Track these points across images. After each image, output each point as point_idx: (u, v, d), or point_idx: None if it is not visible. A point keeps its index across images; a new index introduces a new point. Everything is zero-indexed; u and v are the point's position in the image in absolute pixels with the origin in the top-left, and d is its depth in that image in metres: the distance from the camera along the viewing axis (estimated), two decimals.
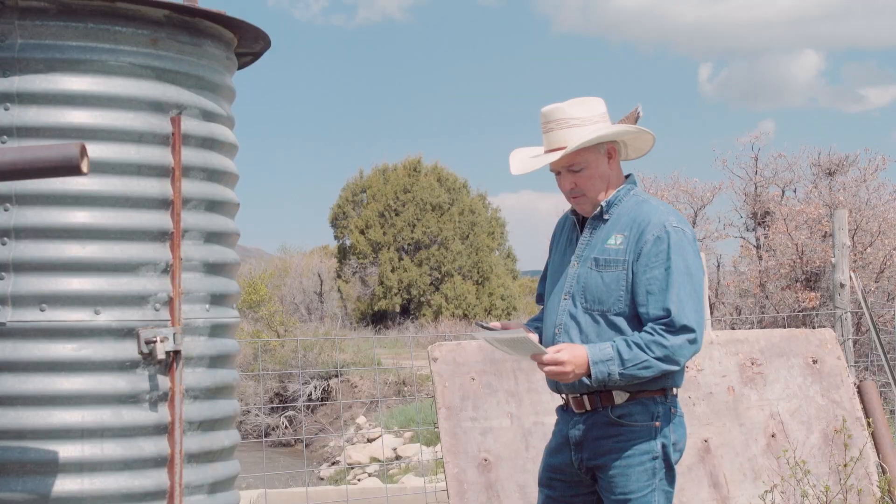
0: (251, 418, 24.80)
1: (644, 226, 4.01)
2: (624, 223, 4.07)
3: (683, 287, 3.94)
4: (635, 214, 4.07)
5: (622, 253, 4.02)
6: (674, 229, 3.99)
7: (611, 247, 4.06)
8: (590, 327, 4.05)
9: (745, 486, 6.65)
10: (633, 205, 4.11)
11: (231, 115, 4.44)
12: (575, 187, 4.12)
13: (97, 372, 3.89)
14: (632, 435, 4.02)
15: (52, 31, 3.91)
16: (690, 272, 3.98)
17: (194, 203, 4.13)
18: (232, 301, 4.40)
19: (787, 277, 22.39)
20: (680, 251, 3.97)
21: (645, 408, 4.03)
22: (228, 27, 4.33)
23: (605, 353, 3.91)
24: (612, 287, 4.02)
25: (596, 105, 4.14)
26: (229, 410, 4.33)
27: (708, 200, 26.36)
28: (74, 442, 3.85)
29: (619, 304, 4.01)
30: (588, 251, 4.12)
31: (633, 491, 4.02)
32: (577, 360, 3.91)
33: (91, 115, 3.92)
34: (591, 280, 4.06)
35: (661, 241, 3.97)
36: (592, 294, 4.05)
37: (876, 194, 23.58)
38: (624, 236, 4.04)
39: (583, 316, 4.07)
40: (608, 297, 4.02)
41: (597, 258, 4.07)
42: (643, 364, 3.89)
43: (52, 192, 3.85)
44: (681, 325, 3.91)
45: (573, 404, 4.13)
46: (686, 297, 3.94)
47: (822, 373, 7.20)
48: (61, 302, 3.86)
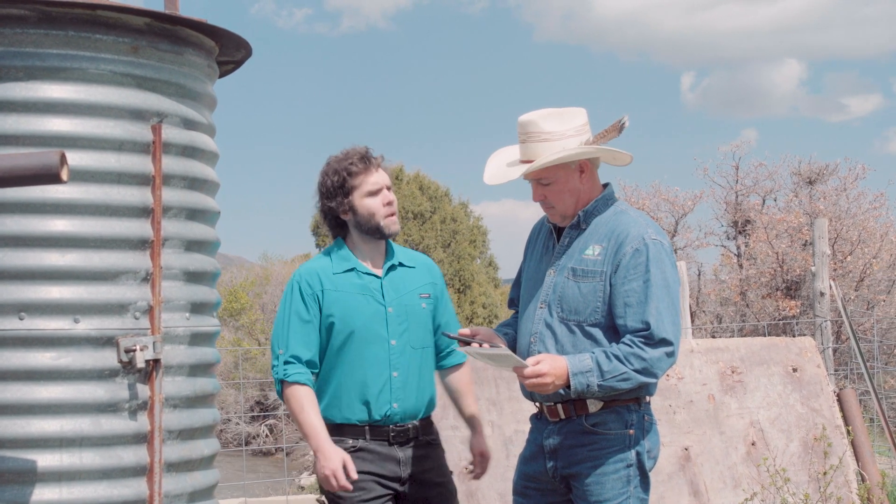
0: (231, 427, 24.72)
1: (623, 238, 4.00)
2: (602, 234, 4.06)
3: (662, 300, 3.94)
4: (613, 226, 4.06)
5: (600, 264, 4.01)
6: (652, 242, 3.98)
7: (588, 257, 4.04)
8: (565, 337, 4.04)
9: (725, 494, 6.66)
10: (612, 215, 4.10)
11: (212, 123, 4.43)
12: (545, 199, 4.11)
13: (76, 380, 3.87)
14: (606, 443, 4.02)
15: (33, 38, 3.90)
16: (668, 284, 3.98)
17: (175, 211, 4.12)
18: (212, 309, 4.39)
19: (767, 286, 22.46)
20: (658, 263, 3.96)
21: (619, 416, 4.03)
22: (209, 35, 4.32)
23: (584, 365, 3.90)
24: (590, 298, 4.01)
25: (573, 118, 4.11)
26: (209, 419, 4.32)
27: (689, 209, 26.44)
28: (53, 451, 3.84)
29: (596, 314, 4.00)
30: (565, 260, 4.10)
31: (609, 499, 4.02)
32: (558, 371, 3.89)
33: (71, 123, 3.91)
34: (567, 290, 4.05)
35: (639, 253, 3.96)
36: (569, 304, 4.04)
37: (856, 203, 23.71)
38: (602, 247, 4.03)
39: (558, 325, 4.06)
40: (585, 307, 4.01)
41: (574, 268, 4.06)
42: (622, 376, 3.89)
43: (31, 201, 3.84)
44: (660, 338, 3.90)
45: (547, 413, 4.13)
46: (664, 309, 3.94)
47: (802, 381, 7.22)
48: (40, 310, 3.84)
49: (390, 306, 4.36)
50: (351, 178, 4.32)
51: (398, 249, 4.49)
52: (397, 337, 4.36)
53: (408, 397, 4.36)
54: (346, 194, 4.32)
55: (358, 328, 4.31)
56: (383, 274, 4.39)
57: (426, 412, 4.48)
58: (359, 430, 4.36)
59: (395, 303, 4.38)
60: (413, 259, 4.53)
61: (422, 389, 4.42)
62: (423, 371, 4.43)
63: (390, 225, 4.36)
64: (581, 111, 4.16)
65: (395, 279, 4.40)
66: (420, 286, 4.47)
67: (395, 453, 4.37)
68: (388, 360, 4.34)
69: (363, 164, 4.32)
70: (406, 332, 4.37)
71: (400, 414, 4.37)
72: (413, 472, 4.40)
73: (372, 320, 4.33)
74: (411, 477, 4.42)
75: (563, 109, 4.14)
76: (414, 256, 4.55)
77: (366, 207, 4.31)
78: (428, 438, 4.47)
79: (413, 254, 4.57)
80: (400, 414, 4.37)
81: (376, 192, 4.32)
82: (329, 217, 4.42)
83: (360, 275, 4.35)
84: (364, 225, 4.35)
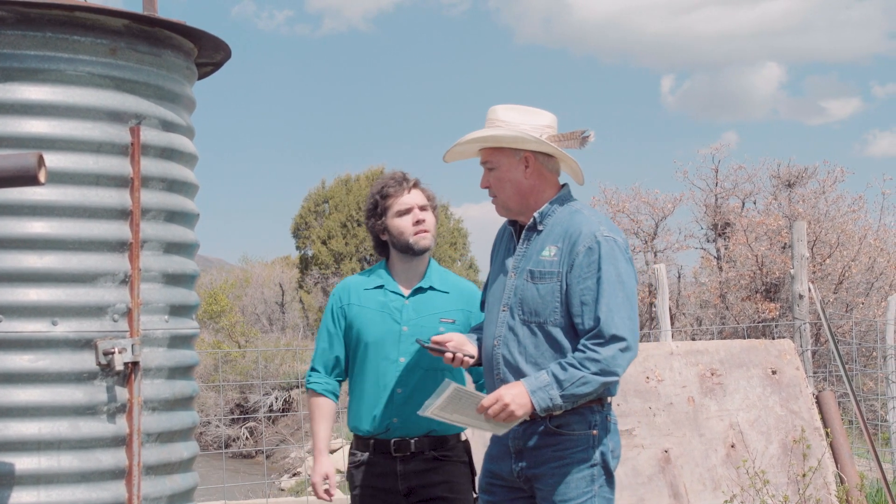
0: (211, 429, 24.67)
1: (576, 237, 4.03)
2: (557, 234, 4.09)
3: (615, 296, 3.95)
4: (567, 225, 4.09)
5: (556, 265, 4.04)
6: (604, 238, 4.01)
7: (545, 259, 4.07)
8: (528, 339, 4.06)
9: (704, 496, 6.68)
10: (566, 215, 4.13)
11: (191, 125, 4.42)
12: (489, 186, 4.17)
13: (54, 383, 3.85)
14: (570, 443, 4.05)
15: (10, 39, 3.88)
16: (622, 280, 3.99)
17: (153, 213, 4.10)
18: (192, 312, 4.37)
19: (747, 288, 22.55)
20: (611, 260, 3.98)
21: (582, 417, 4.06)
22: (188, 37, 4.31)
23: (541, 381, 3.92)
24: (548, 299, 4.03)
25: (537, 116, 4.17)
26: (188, 422, 4.31)
27: (669, 212, 26.53)
28: (31, 454, 3.82)
29: (555, 315, 4.02)
30: (524, 262, 4.13)
31: (573, 498, 4.05)
32: (517, 395, 3.91)
33: (49, 124, 3.90)
34: (527, 292, 4.08)
35: (591, 251, 3.99)
36: (529, 306, 4.07)
37: (835, 206, 23.82)
38: (557, 248, 4.06)
39: (520, 328, 4.08)
40: (544, 308, 4.04)
41: (532, 270, 4.09)
42: (580, 381, 3.90)
43: (8, 203, 3.82)
44: (610, 334, 3.92)
45: None
46: (616, 306, 3.95)
47: (782, 383, 7.25)
48: (18, 313, 3.82)
49: (405, 325, 4.56)
50: (384, 200, 4.65)
51: (438, 273, 4.71)
52: (408, 356, 4.54)
53: (411, 414, 4.44)
54: (380, 215, 4.66)
55: (371, 343, 4.59)
56: (409, 294, 4.62)
57: (441, 432, 4.57)
58: (366, 442, 4.60)
59: (412, 323, 4.58)
60: (450, 284, 4.71)
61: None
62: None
63: (419, 241, 4.60)
64: (550, 115, 4.21)
65: (420, 301, 4.62)
66: (445, 311, 4.63)
67: (394, 467, 4.54)
68: (394, 376, 4.54)
69: (396, 187, 4.63)
70: (418, 353, 4.53)
71: (401, 429, 4.53)
72: (414, 486, 4.54)
73: (385, 337, 4.57)
74: (413, 491, 4.55)
75: (532, 108, 4.20)
76: (454, 282, 4.74)
77: (396, 226, 4.61)
78: (437, 454, 4.57)
79: (455, 280, 4.76)
80: (401, 429, 4.53)
81: (406, 212, 4.60)
82: (373, 237, 4.77)
83: (386, 293, 4.63)
84: (397, 243, 4.64)
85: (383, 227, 4.65)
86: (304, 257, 42.03)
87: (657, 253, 26.40)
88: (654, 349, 7.06)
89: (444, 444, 4.59)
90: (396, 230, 4.60)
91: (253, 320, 37.53)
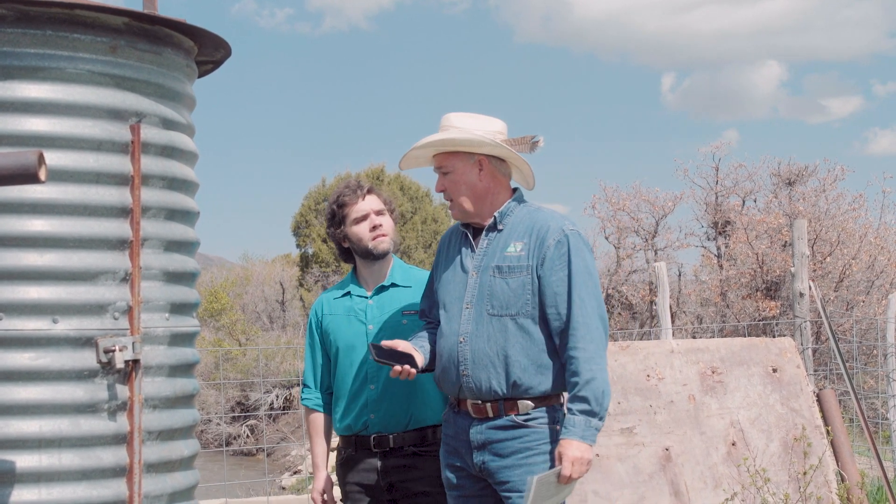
0: (212, 427, 24.67)
1: (544, 231, 4.20)
2: (521, 231, 4.25)
3: (585, 286, 4.14)
4: (531, 222, 4.26)
5: (524, 259, 4.19)
6: (571, 232, 4.20)
7: (511, 254, 4.22)
8: (498, 332, 4.18)
9: (705, 495, 6.67)
10: (526, 214, 4.30)
11: (191, 123, 4.42)
12: (444, 190, 4.31)
13: (55, 381, 3.86)
14: (536, 436, 4.17)
15: (10, 37, 3.88)
16: (590, 271, 4.18)
17: (154, 211, 4.11)
18: (192, 310, 4.37)
19: (747, 286, 22.55)
20: (579, 252, 4.17)
21: (548, 413, 4.20)
22: (188, 35, 4.31)
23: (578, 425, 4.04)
24: (519, 292, 4.17)
25: (488, 122, 4.31)
26: (189, 420, 4.31)
27: (669, 210, 26.53)
28: (32, 452, 3.82)
29: (527, 307, 4.16)
30: (487, 261, 4.26)
31: None
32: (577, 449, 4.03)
33: (49, 122, 3.90)
34: (496, 287, 4.20)
35: (561, 244, 4.17)
36: (498, 300, 4.19)
37: (835, 204, 23.82)
38: (524, 243, 4.21)
39: (489, 322, 4.19)
40: (516, 301, 4.17)
41: (499, 266, 4.22)
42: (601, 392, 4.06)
43: (9, 201, 3.82)
44: (585, 322, 4.10)
45: (472, 409, 4.25)
46: (588, 295, 4.13)
47: (782, 381, 7.24)
48: (18, 311, 3.82)
49: (371, 324, 4.73)
50: (341, 209, 4.78)
51: (402, 270, 4.86)
52: None
53: (387, 409, 4.67)
54: (339, 224, 4.80)
55: (342, 346, 4.77)
56: (371, 294, 4.79)
57: (418, 423, 4.71)
58: (350, 440, 4.77)
59: (377, 321, 4.74)
60: (412, 278, 4.84)
61: (407, 402, 4.68)
62: (412, 384, 4.62)
63: (378, 245, 4.74)
64: (500, 122, 4.36)
65: (383, 298, 4.79)
66: (407, 304, 4.76)
67: (375, 463, 4.69)
68: (365, 374, 4.71)
69: (350, 195, 4.76)
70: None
71: (378, 425, 4.69)
72: (396, 482, 4.68)
73: (354, 338, 4.74)
74: (395, 487, 4.69)
75: (483, 116, 4.35)
76: (416, 276, 4.87)
77: (355, 233, 4.76)
78: (417, 449, 4.69)
79: (418, 274, 4.89)
80: (378, 425, 4.69)
81: (363, 218, 4.73)
82: (337, 246, 4.89)
83: (352, 297, 4.80)
84: (357, 249, 4.79)
85: (343, 235, 4.81)
86: (305, 255, 42.00)
87: (658, 251, 26.42)
88: (655, 347, 7.05)
89: (424, 440, 4.71)
90: (355, 237, 4.76)
91: (253, 318, 37.53)
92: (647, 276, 25.24)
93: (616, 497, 6.38)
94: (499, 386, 4.15)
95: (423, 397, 4.70)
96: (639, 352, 6.86)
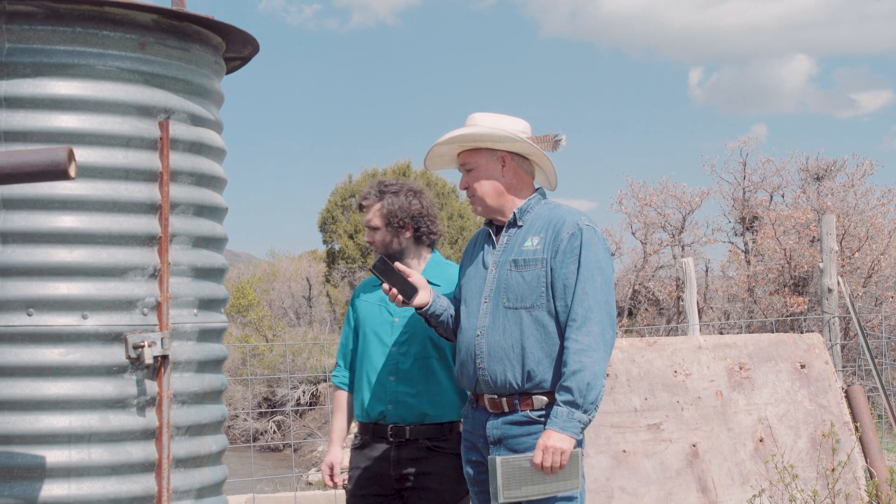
0: (239, 423, 24.76)
1: (560, 225, 4.24)
2: (539, 226, 4.30)
3: (592, 280, 4.15)
4: (549, 217, 4.31)
5: (540, 252, 4.23)
6: (586, 227, 4.23)
7: (528, 248, 4.27)
8: (513, 325, 4.22)
9: (733, 491, 6.66)
10: (546, 210, 4.36)
11: (219, 119, 4.44)
12: (468, 187, 4.37)
13: (84, 377, 3.88)
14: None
15: (40, 35, 3.90)
16: (601, 266, 4.19)
17: (182, 207, 4.12)
18: (220, 306, 4.39)
19: (775, 282, 22.45)
20: (591, 247, 4.19)
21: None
22: (216, 32, 4.33)
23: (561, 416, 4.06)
24: (533, 284, 4.21)
25: (512, 122, 4.35)
26: (217, 415, 4.33)
27: (696, 205, 26.45)
28: (62, 447, 3.84)
29: (542, 299, 4.20)
30: (505, 255, 4.32)
31: None
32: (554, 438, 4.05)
33: (79, 119, 3.92)
34: (511, 280, 4.25)
35: (574, 237, 4.20)
36: (514, 292, 4.24)
37: (864, 199, 23.67)
38: (540, 237, 4.26)
39: (504, 315, 4.24)
40: (530, 293, 4.21)
41: (515, 259, 4.27)
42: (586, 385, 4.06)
43: (39, 197, 3.84)
44: (586, 315, 4.11)
45: (489, 405, 4.30)
46: (593, 290, 4.15)
47: (810, 377, 7.22)
48: (49, 306, 3.85)
49: (397, 317, 4.85)
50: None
51: (436, 266, 4.95)
52: (398, 345, 4.82)
53: (405, 401, 4.77)
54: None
55: (368, 334, 4.91)
56: None
57: (435, 418, 4.79)
58: (367, 427, 4.88)
59: (403, 314, 4.84)
60: (444, 276, 4.92)
61: (428, 396, 4.78)
62: (432, 380, 4.78)
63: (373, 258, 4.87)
64: (524, 122, 4.40)
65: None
66: None
67: (389, 453, 4.80)
68: (387, 365, 4.82)
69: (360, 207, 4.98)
70: (407, 343, 4.81)
71: (395, 416, 4.78)
72: (407, 474, 4.77)
73: (380, 328, 4.87)
74: (405, 477, 4.78)
75: (507, 116, 4.39)
76: (448, 274, 4.94)
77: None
78: (432, 444, 4.77)
79: (451, 271, 4.95)
80: (395, 416, 4.78)
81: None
82: None
83: None
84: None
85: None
86: (331, 251, 42.07)
87: (685, 247, 26.34)
88: (682, 343, 7.04)
89: (440, 434, 4.78)
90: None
91: (280, 314, 37.62)
92: (673, 272, 25.19)
93: (643, 493, 6.37)
94: (514, 378, 4.19)
95: (441, 393, 4.79)
96: (666, 348, 6.84)
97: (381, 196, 4.88)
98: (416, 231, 4.88)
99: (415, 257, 4.90)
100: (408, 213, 4.85)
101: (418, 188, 4.96)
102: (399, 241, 4.87)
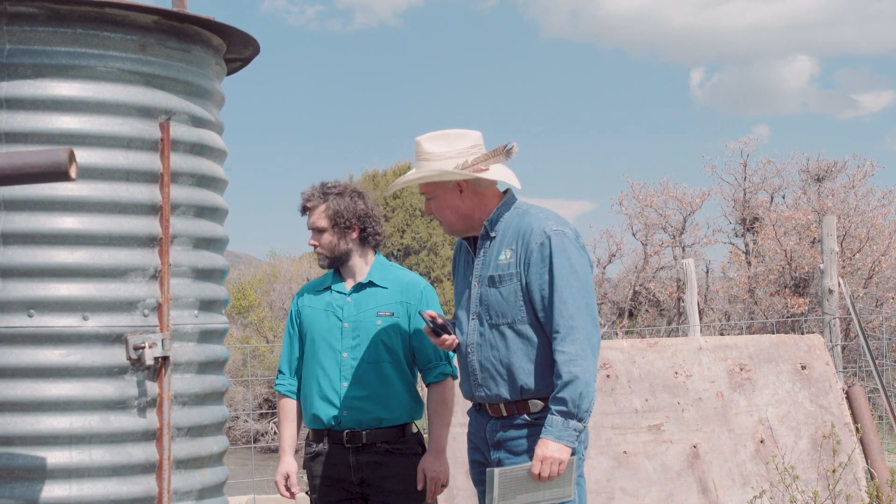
0: (240, 424, 24.74)
1: (528, 236, 4.21)
2: (510, 237, 4.27)
3: (569, 287, 4.13)
4: (518, 226, 4.28)
5: (513, 266, 4.22)
6: (553, 233, 4.18)
7: (502, 262, 4.26)
8: (499, 342, 4.24)
9: (733, 492, 6.66)
10: (515, 217, 4.32)
11: (220, 120, 4.44)
12: (432, 213, 4.42)
13: (85, 378, 3.88)
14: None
15: (41, 36, 3.90)
16: (575, 270, 4.16)
17: (183, 209, 4.12)
18: (221, 307, 4.39)
19: (775, 283, 22.45)
20: (562, 252, 4.16)
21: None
22: (217, 33, 4.33)
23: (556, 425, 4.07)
24: (511, 300, 4.21)
25: (459, 140, 4.32)
26: (218, 416, 4.33)
27: (697, 206, 26.43)
28: (62, 448, 3.84)
29: (522, 313, 4.20)
30: (483, 270, 4.31)
31: None
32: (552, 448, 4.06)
33: (80, 120, 3.92)
34: (491, 297, 4.26)
35: (543, 246, 4.17)
36: (495, 310, 4.25)
37: (864, 200, 23.67)
38: (512, 250, 4.24)
39: (490, 332, 4.26)
40: (510, 309, 4.22)
41: (492, 276, 4.27)
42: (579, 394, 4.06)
43: (40, 198, 3.84)
44: (568, 326, 4.10)
45: (489, 409, 4.32)
46: (571, 297, 4.12)
47: (811, 378, 7.22)
48: (49, 308, 3.85)
49: (346, 322, 4.81)
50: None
51: (381, 269, 4.91)
52: (349, 350, 4.78)
53: (359, 406, 4.75)
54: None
55: (316, 340, 4.85)
56: (350, 291, 4.86)
57: (390, 421, 4.78)
58: (321, 434, 4.85)
59: (352, 319, 4.81)
60: (391, 278, 4.89)
61: (382, 400, 4.76)
62: (385, 383, 4.77)
63: (317, 260, 4.98)
64: (472, 134, 4.38)
65: (360, 297, 4.85)
66: (381, 305, 4.83)
67: (347, 458, 4.77)
68: (338, 370, 4.78)
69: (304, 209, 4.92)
70: (358, 347, 4.78)
71: (350, 421, 4.75)
72: (368, 478, 4.77)
73: (329, 333, 4.82)
74: (366, 482, 4.77)
75: (452, 131, 4.37)
76: (395, 276, 4.92)
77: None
78: (390, 447, 4.78)
79: (398, 274, 4.94)
80: (350, 421, 4.75)
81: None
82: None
83: (332, 293, 4.90)
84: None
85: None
86: None
87: (685, 248, 26.33)
88: (683, 344, 7.04)
89: (396, 437, 4.78)
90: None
91: (281, 315, 37.54)
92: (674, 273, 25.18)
93: (644, 494, 6.37)
94: (508, 393, 4.22)
95: (395, 396, 4.78)
96: (666, 349, 6.84)
97: (326, 197, 4.83)
98: (362, 231, 4.84)
99: (361, 258, 4.88)
100: (354, 214, 4.82)
101: (361, 189, 4.93)
102: (346, 242, 4.83)
